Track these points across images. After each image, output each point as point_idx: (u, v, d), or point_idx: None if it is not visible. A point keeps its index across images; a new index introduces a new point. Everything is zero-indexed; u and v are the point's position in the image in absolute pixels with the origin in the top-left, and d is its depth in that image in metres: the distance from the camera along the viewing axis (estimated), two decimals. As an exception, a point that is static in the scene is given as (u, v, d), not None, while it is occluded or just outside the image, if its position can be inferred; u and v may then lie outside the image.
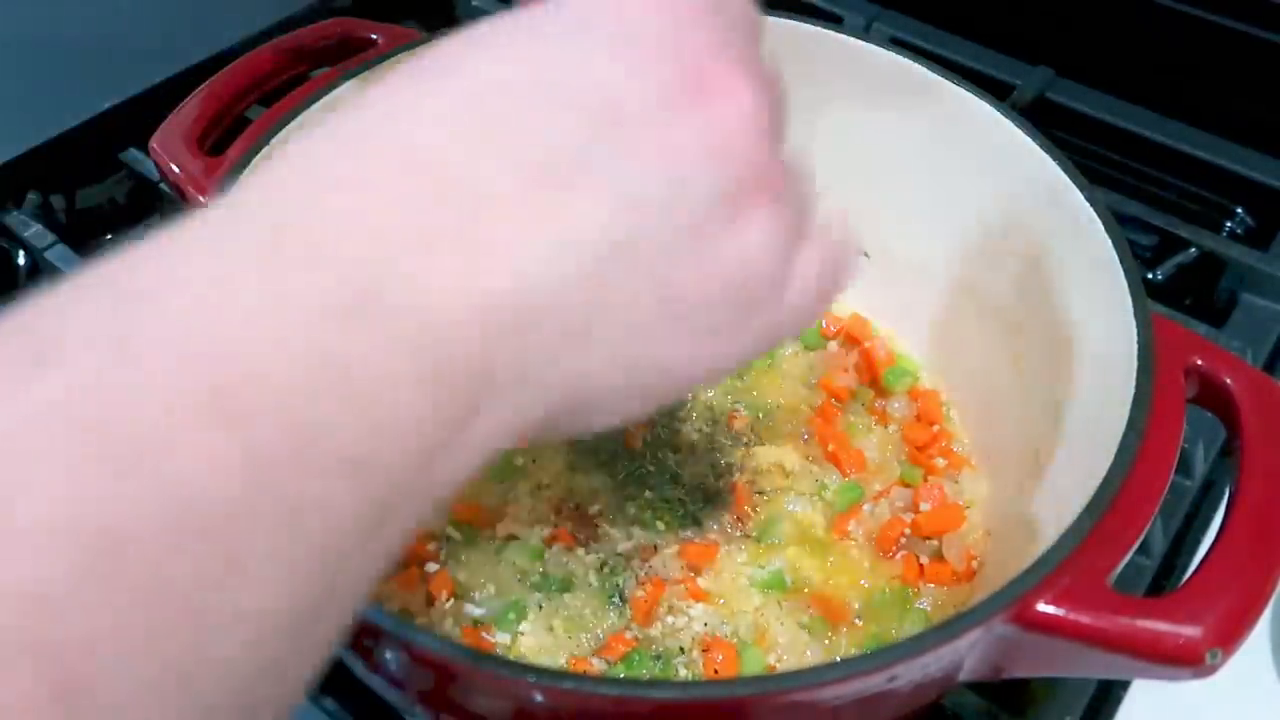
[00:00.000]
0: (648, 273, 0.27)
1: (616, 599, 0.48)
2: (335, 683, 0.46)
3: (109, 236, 0.70)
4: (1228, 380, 0.43)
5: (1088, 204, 0.46)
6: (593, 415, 0.29)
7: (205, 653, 0.19)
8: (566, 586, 0.48)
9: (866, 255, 0.60)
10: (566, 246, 0.25)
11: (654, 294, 0.27)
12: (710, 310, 0.28)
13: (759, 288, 0.29)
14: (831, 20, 0.78)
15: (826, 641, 0.47)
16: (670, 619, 0.47)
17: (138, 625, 0.18)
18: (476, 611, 0.47)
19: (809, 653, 0.46)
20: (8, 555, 0.17)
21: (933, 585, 0.49)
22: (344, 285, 0.22)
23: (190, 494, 0.19)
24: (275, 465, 0.20)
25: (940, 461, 0.54)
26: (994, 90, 0.53)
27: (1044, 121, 0.67)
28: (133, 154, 0.70)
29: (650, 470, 0.52)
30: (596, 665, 0.45)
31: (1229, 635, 0.36)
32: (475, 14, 0.80)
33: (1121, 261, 0.44)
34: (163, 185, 0.65)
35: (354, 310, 0.22)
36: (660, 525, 0.50)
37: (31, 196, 0.67)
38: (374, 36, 0.60)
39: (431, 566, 0.48)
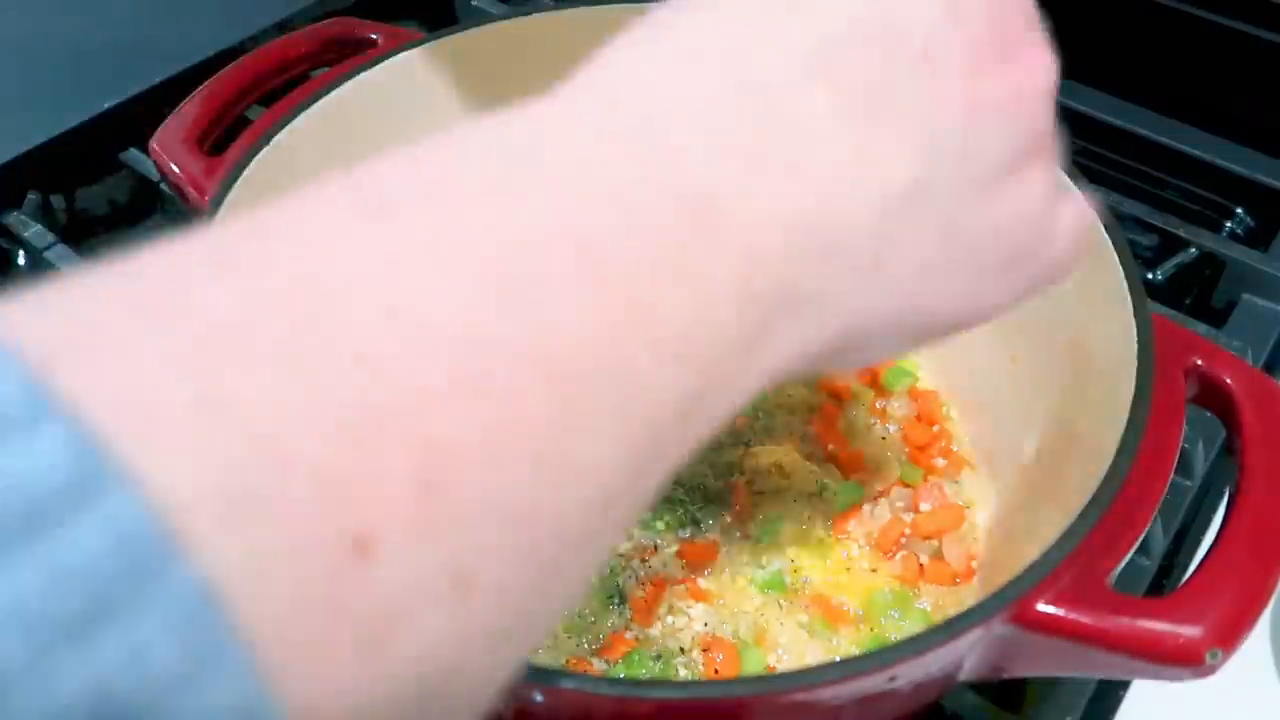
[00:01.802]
0: (937, 217, 0.28)
1: (616, 599, 0.48)
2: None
3: (109, 236, 0.70)
4: (1228, 380, 0.43)
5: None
6: (862, 352, 0.30)
7: (543, 483, 0.20)
8: (566, 586, 0.48)
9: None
10: (870, 181, 0.26)
11: (940, 238, 0.28)
12: (984, 258, 0.30)
13: (1027, 241, 0.31)
14: (831, 20, 0.78)
15: (826, 641, 0.47)
16: (670, 619, 0.47)
17: (496, 444, 0.19)
18: (476, 611, 0.47)
19: (809, 653, 0.46)
20: (403, 353, 0.18)
21: (933, 585, 0.49)
22: (689, 186, 0.23)
23: (548, 337, 0.20)
24: (622, 327, 0.21)
25: (940, 461, 0.54)
26: (994, 90, 0.53)
27: (1044, 121, 0.67)
28: (133, 154, 0.70)
29: (650, 470, 0.52)
30: (596, 665, 0.45)
31: (1229, 635, 0.36)
32: (475, 14, 0.80)
33: (1121, 261, 0.44)
34: (163, 185, 0.65)
35: (694, 210, 0.23)
36: (660, 525, 0.50)
37: (31, 196, 0.67)
38: (374, 36, 0.60)
39: (431, 566, 0.48)
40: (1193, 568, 0.37)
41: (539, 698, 0.34)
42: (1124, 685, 0.48)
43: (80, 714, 0.14)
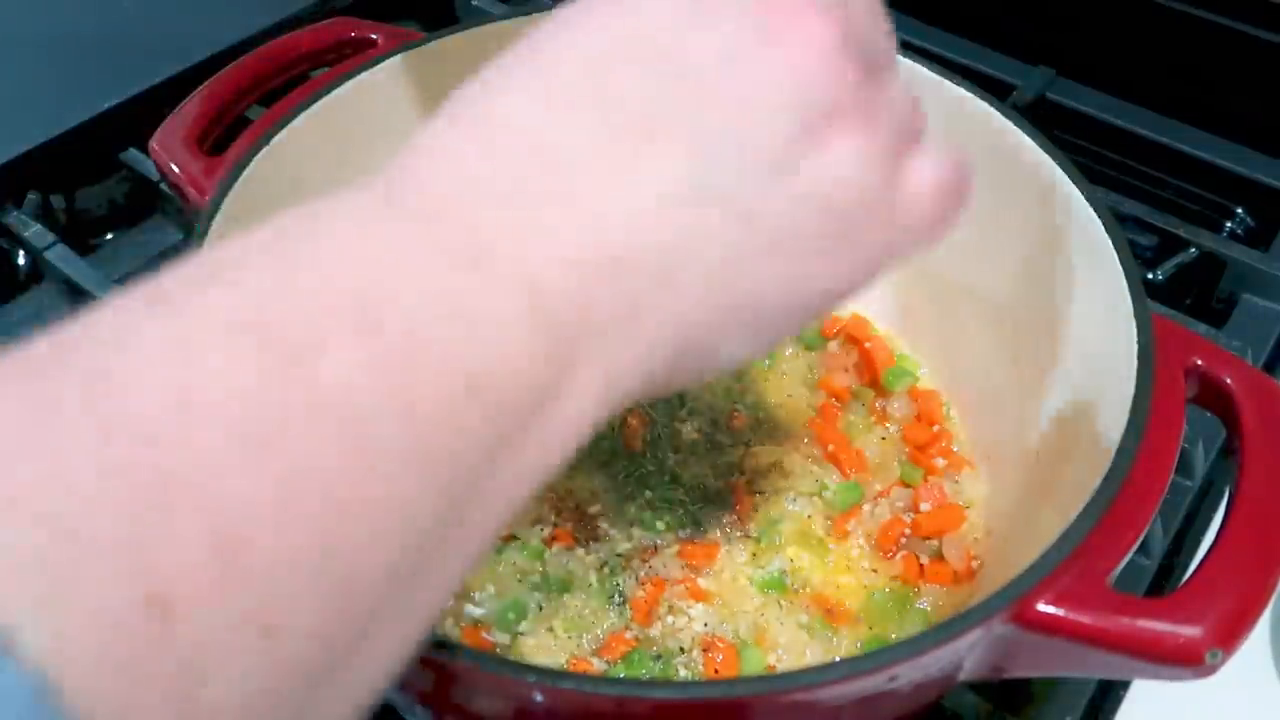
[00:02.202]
0: (731, 209, 0.28)
1: (616, 599, 0.48)
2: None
3: (109, 236, 0.70)
4: (1228, 380, 0.43)
5: (1088, 204, 0.46)
6: (712, 358, 0.30)
7: (344, 527, 0.21)
8: (566, 586, 0.48)
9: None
10: (644, 195, 0.27)
11: (741, 229, 0.28)
12: (801, 237, 0.29)
13: (856, 209, 0.30)
14: (831, 20, 0.78)
15: (826, 641, 0.47)
16: (670, 619, 0.47)
17: (289, 495, 0.20)
18: (476, 611, 0.47)
19: (809, 653, 0.46)
20: (191, 425, 0.19)
21: (933, 585, 0.49)
22: (459, 237, 0.25)
23: (331, 389, 0.21)
24: (401, 370, 0.22)
25: (940, 461, 0.54)
26: (994, 90, 0.53)
27: (1044, 121, 0.67)
28: (133, 154, 0.69)
29: (650, 470, 0.52)
30: (596, 665, 0.45)
31: (1229, 635, 0.36)
32: (475, 14, 0.80)
33: (1121, 261, 0.44)
34: (163, 185, 0.65)
35: (469, 259, 0.24)
36: (660, 525, 0.50)
37: (31, 196, 0.67)
38: (374, 36, 0.60)
39: (431, 566, 0.48)
40: (1193, 568, 0.37)
41: (539, 698, 0.34)
42: (1124, 685, 0.48)
43: None
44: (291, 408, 0.21)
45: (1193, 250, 0.64)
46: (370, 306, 0.23)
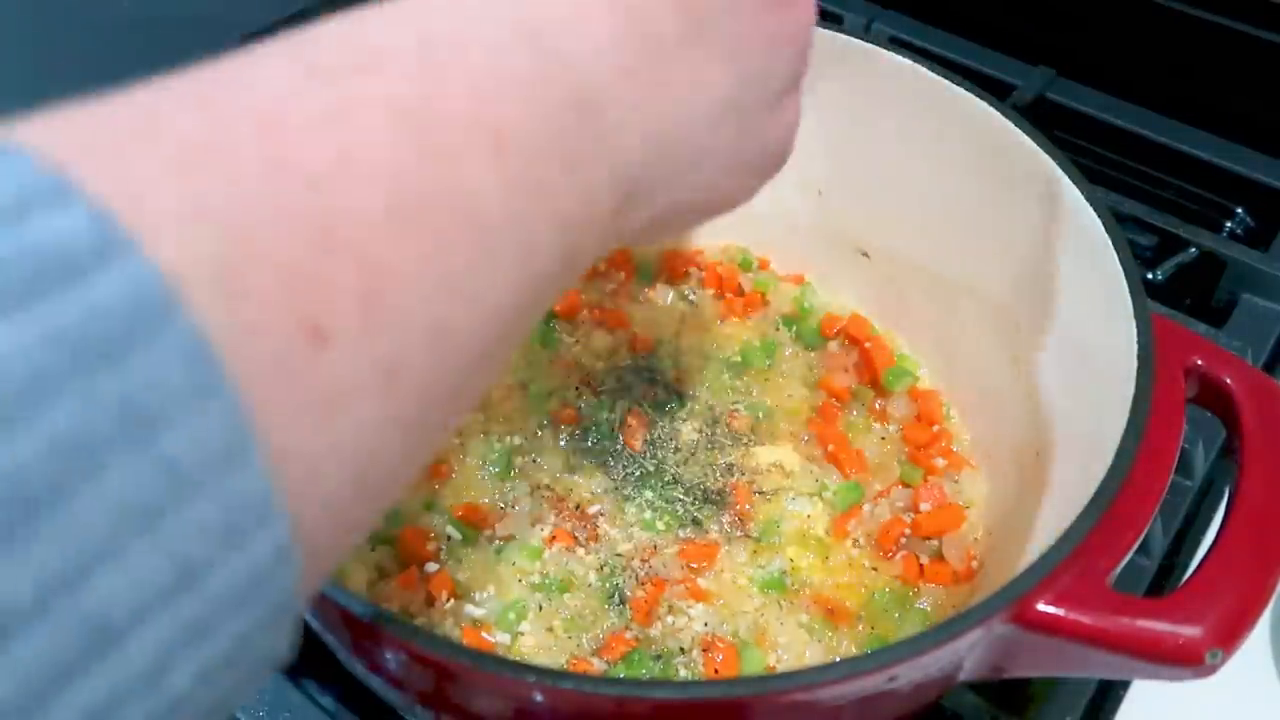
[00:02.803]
0: (738, 127, 0.34)
1: (616, 599, 0.48)
2: (335, 682, 0.46)
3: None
4: (1228, 380, 0.43)
5: (1088, 204, 0.46)
6: (667, 228, 0.36)
7: (458, 309, 0.24)
8: (566, 587, 0.48)
9: (866, 255, 0.60)
10: (700, 99, 0.32)
11: (738, 145, 0.35)
12: (761, 161, 0.37)
13: (786, 147, 0.38)
14: (831, 20, 0.78)
15: (826, 641, 0.47)
16: (670, 619, 0.47)
17: (423, 270, 0.23)
18: (476, 611, 0.47)
19: (809, 653, 0.46)
20: (350, 186, 0.22)
21: (933, 585, 0.49)
22: (573, 88, 0.28)
23: (470, 193, 0.24)
24: (523, 197, 0.25)
25: (940, 461, 0.54)
26: (994, 90, 0.53)
27: (1044, 121, 0.67)
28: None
29: (650, 470, 0.52)
30: (596, 665, 0.45)
31: (1229, 635, 0.36)
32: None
33: (1121, 261, 0.44)
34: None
35: (577, 108, 0.27)
36: (660, 525, 0.50)
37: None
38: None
39: (431, 566, 0.48)
40: (1193, 568, 0.37)
41: (539, 698, 0.34)
42: (1124, 685, 0.48)
43: (110, 416, 0.17)
44: (435, 197, 0.23)
45: (1193, 250, 0.64)
46: (505, 135, 0.25)
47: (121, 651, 0.17)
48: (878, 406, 0.56)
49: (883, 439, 0.55)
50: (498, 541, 0.49)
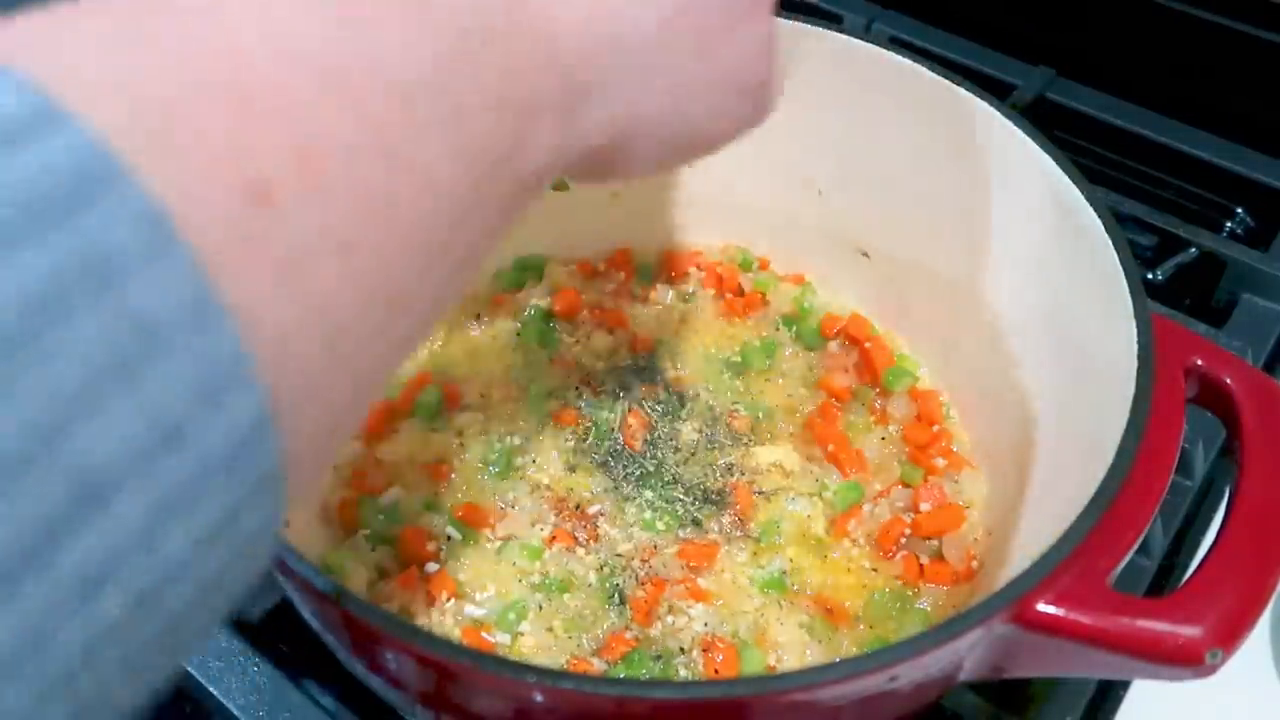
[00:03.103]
0: (699, 39, 0.34)
1: (616, 599, 0.48)
2: (335, 682, 0.46)
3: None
4: (1228, 380, 0.43)
5: (1088, 204, 0.46)
6: (629, 154, 0.35)
7: (397, 177, 0.24)
8: (566, 587, 0.48)
9: (866, 255, 0.60)
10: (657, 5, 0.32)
11: (699, 58, 0.34)
12: (730, 84, 0.36)
13: (759, 74, 0.37)
14: (831, 20, 0.78)
15: (826, 641, 0.47)
16: (670, 619, 0.47)
17: (354, 140, 0.23)
18: (476, 611, 0.47)
19: (809, 653, 0.46)
20: (281, 60, 0.22)
21: (933, 585, 0.49)
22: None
23: (396, 64, 0.24)
24: (446, 60, 0.26)
25: (940, 461, 0.54)
26: (994, 90, 0.53)
27: (1044, 121, 0.67)
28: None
29: (650, 470, 0.52)
30: (596, 665, 0.45)
31: (1229, 635, 0.36)
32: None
33: (1121, 261, 0.44)
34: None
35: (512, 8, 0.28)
36: (660, 525, 0.50)
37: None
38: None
39: (431, 566, 0.48)
40: (1193, 568, 0.37)
41: (539, 698, 0.34)
42: (1124, 685, 0.48)
43: (72, 267, 0.18)
44: (360, 69, 0.23)
45: (1193, 250, 0.64)
46: (423, 6, 0.25)
47: (110, 509, 0.18)
48: (878, 406, 0.56)
49: (883, 439, 0.55)
50: (498, 541, 0.49)
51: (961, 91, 0.51)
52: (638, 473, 0.52)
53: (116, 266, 0.18)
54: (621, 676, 0.44)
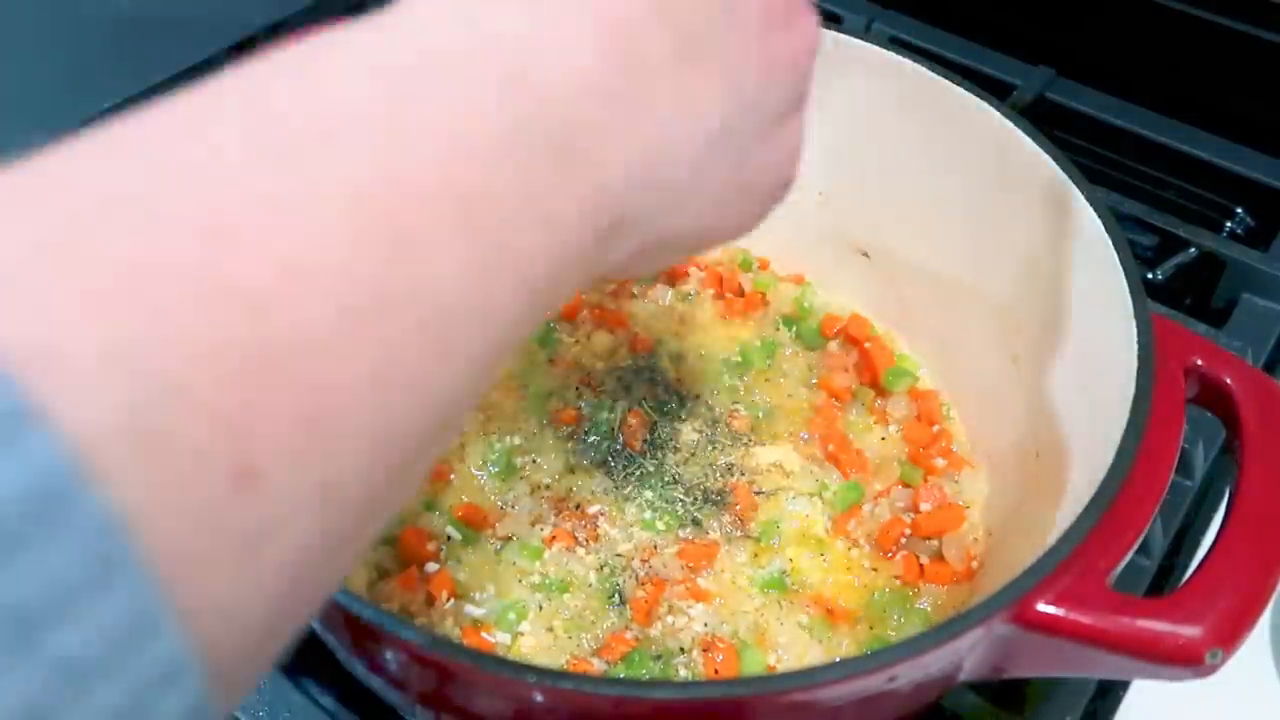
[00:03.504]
0: (734, 154, 0.32)
1: (616, 599, 0.48)
2: (335, 682, 0.46)
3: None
4: (1228, 380, 0.43)
5: (1088, 204, 0.46)
6: (653, 261, 0.35)
7: (411, 413, 0.22)
8: (566, 587, 0.48)
9: (866, 255, 0.60)
10: (693, 122, 0.29)
11: (733, 172, 0.33)
12: (757, 190, 0.35)
13: (786, 175, 0.36)
14: (831, 20, 0.78)
15: (826, 641, 0.47)
16: (670, 619, 0.47)
17: (373, 384, 0.21)
18: (476, 611, 0.47)
19: (809, 653, 0.46)
20: (293, 302, 0.19)
21: (933, 585, 0.49)
22: (553, 126, 0.25)
23: (427, 286, 0.22)
24: (488, 272, 0.23)
25: (940, 461, 0.54)
26: (994, 90, 0.53)
27: (1044, 121, 0.67)
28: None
29: (650, 470, 0.52)
30: (596, 665, 0.45)
31: (1229, 635, 0.36)
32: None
33: (1121, 261, 0.44)
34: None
35: (556, 150, 0.25)
36: (660, 525, 0.50)
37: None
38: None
39: (431, 566, 0.48)
40: (1193, 568, 0.37)
41: (539, 698, 0.34)
42: (1124, 685, 0.48)
43: (3, 624, 0.15)
44: (390, 300, 0.21)
45: (1193, 250, 0.64)
46: (475, 203, 0.23)
47: None
48: (878, 406, 0.56)
49: (883, 439, 0.55)
50: (498, 541, 0.49)
51: (961, 91, 0.51)
52: (638, 473, 0.52)
53: (54, 614, 0.16)
54: (621, 676, 0.44)
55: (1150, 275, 0.64)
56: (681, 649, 0.46)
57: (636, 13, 0.27)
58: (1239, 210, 0.71)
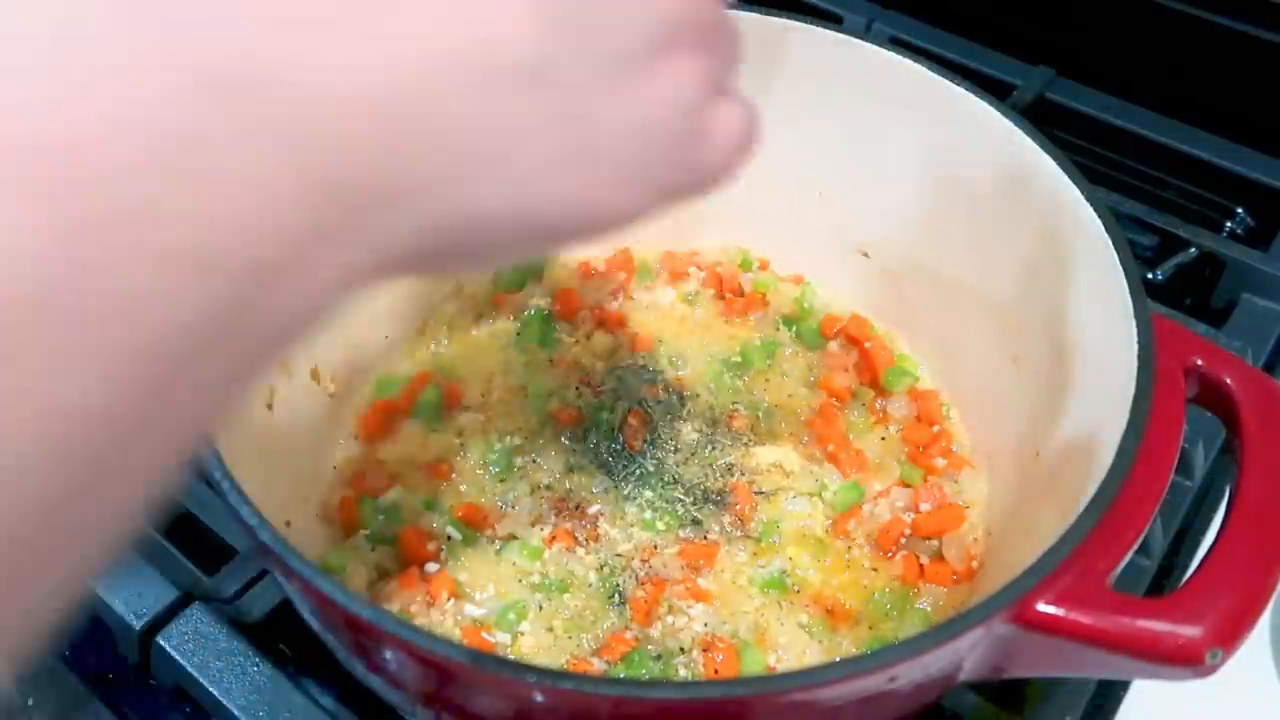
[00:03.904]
0: (568, 104, 0.25)
1: (616, 599, 0.48)
2: (335, 682, 0.46)
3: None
4: (1228, 380, 0.43)
5: (1088, 204, 0.46)
6: (473, 255, 0.27)
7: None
8: (566, 587, 0.48)
9: (866, 255, 0.60)
10: (473, 54, 0.22)
11: (573, 130, 0.25)
12: (621, 157, 0.27)
13: (673, 143, 0.28)
14: (831, 20, 0.78)
15: (826, 642, 0.47)
16: (670, 619, 0.47)
17: None
18: (476, 611, 0.47)
19: (809, 653, 0.46)
20: None
21: (933, 585, 0.49)
22: (205, 58, 0.19)
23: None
24: (79, 243, 0.18)
25: (940, 461, 0.54)
26: (994, 90, 0.53)
27: (1044, 121, 0.67)
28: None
29: (650, 470, 0.52)
30: (596, 665, 0.45)
31: (1229, 635, 0.36)
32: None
33: (1121, 261, 0.44)
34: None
35: (213, 88, 0.19)
36: (660, 525, 0.50)
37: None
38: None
39: (431, 566, 0.48)
40: (1193, 568, 0.37)
41: (539, 698, 0.34)
42: (1124, 685, 0.48)
43: None
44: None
45: (1193, 250, 0.64)
46: (65, 153, 0.18)
47: None
48: (878, 406, 0.56)
49: (883, 439, 0.55)
50: (498, 541, 0.49)
51: (961, 91, 0.51)
52: (638, 473, 0.52)
53: None
54: (621, 676, 0.44)
55: (1150, 275, 0.64)
56: (681, 649, 0.46)
57: None
58: (1239, 210, 0.71)
